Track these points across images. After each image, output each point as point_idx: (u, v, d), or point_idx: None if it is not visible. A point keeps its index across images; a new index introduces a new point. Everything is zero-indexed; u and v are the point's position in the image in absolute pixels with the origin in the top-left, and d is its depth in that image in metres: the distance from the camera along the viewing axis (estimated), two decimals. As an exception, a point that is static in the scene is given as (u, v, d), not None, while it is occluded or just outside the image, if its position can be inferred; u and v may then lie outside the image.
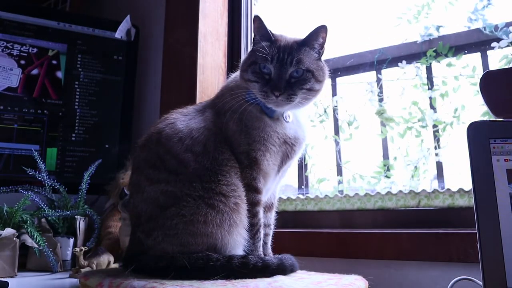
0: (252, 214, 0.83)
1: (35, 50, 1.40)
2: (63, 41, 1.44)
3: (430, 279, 0.94)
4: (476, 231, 0.64)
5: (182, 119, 0.87)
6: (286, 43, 0.85)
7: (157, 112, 1.49)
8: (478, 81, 0.75)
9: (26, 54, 1.39)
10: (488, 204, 0.65)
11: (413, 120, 1.29)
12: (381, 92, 1.35)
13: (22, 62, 1.38)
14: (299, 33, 0.89)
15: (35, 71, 1.40)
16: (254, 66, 0.84)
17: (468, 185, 1.05)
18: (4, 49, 1.37)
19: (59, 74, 1.43)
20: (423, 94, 1.29)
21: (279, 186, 0.96)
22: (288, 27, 1.35)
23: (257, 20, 0.86)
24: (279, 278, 0.74)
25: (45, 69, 1.41)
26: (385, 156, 1.31)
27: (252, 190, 0.83)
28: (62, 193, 1.22)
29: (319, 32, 0.85)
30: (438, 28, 1.29)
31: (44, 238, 1.09)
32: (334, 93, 1.42)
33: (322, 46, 0.87)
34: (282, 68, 0.82)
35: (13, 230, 1.05)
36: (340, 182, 1.35)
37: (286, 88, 0.81)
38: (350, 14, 1.47)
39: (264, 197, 0.88)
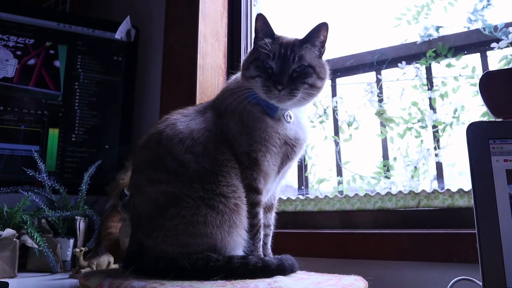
0: (252, 215, 0.83)
1: (32, 41, 1.40)
2: (63, 42, 1.44)
3: (430, 280, 0.95)
4: (476, 231, 0.64)
5: (183, 120, 0.87)
6: (288, 41, 0.86)
7: (157, 112, 1.49)
8: (478, 81, 0.75)
9: (22, 45, 1.39)
10: (488, 204, 0.65)
11: (413, 121, 1.29)
12: (381, 92, 1.35)
13: (18, 53, 1.38)
14: (299, 34, 0.89)
15: (31, 61, 1.39)
16: (256, 62, 0.85)
17: (467, 185, 1.05)
18: (0, 41, 1.36)
19: (57, 64, 1.43)
20: (422, 95, 1.29)
21: (279, 187, 0.96)
22: (288, 28, 1.35)
23: (260, 17, 0.87)
24: (279, 279, 0.74)
25: (42, 59, 1.40)
26: (385, 156, 1.31)
27: (252, 191, 0.83)
28: (62, 193, 1.22)
29: (320, 30, 0.86)
30: (437, 28, 1.29)
31: (44, 238, 1.09)
32: (334, 94, 1.43)
33: (323, 45, 0.88)
34: (285, 63, 0.82)
35: (13, 230, 1.05)
36: (340, 183, 1.35)
37: (289, 83, 0.82)
38: (350, 15, 1.47)
39: (264, 198, 0.88)
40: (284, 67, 0.82)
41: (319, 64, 0.86)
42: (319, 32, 0.86)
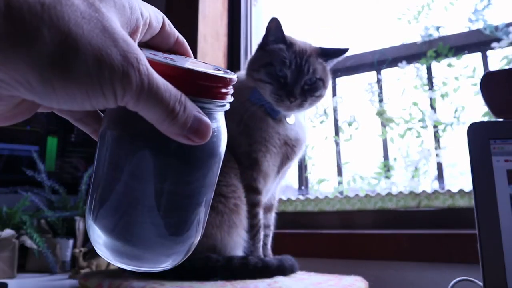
0: (252, 215, 0.82)
1: None
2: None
3: (430, 280, 0.94)
4: (476, 231, 0.64)
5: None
6: (302, 49, 0.85)
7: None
8: (479, 81, 0.75)
9: None
10: (488, 205, 0.64)
11: (413, 121, 1.29)
12: (381, 92, 1.35)
13: None
14: (298, 33, 0.89)
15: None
16: (269, 67, 0.84)
17: (468, 186, 1.05)
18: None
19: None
20: (423, 95, 1.29)
21: (279, 187, 0.96)
22: (287, 27, 1.35)
23: (275, 21, 0.86)
24: (279, 279, 0.73)
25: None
26: (385, 156, 1.31)
27: (252, 191, 0.83)
28: (61, 194, 1.21)
29: (342, 53, 0.87)
30: (438, 28, 1.29)
31: (43, 239, 1.09)
32: (334, 94, 1.42)
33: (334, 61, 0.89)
34: (299, 75, 0.82)
35: (12, 231, 1.05)
36: (340, 183, 1.35)
37: (300, 95, 0.82)
38: (350, 15, 1.47)
39: (264, 198, 0.88)
40: (298, 78, 0.82)
41: (326, 75, 0.87)
42: (339, 55, 0.87)
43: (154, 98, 0.28)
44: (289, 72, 0.82)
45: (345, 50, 0.87)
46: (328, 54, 0.87)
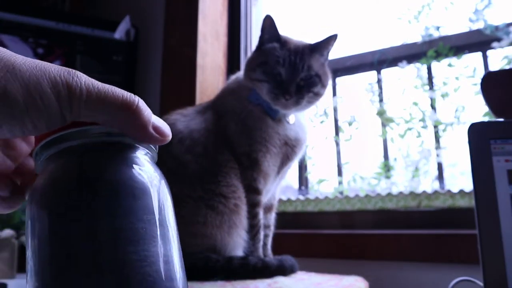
0: (252, 215, 0.82)
1: (30, 40, 1.31)
2: (62, 41, 1.44)
3: (431, 280, 0.94)
4: (477, 231, 0.64)
5: (182, 120, 0.87)
6: (296, 47, 0.85)
7: (156, 113, 1.47)
8: (479, 81, 0.75)
9: (45, 41, 1.26)
10: (489, 205, 0.64)
11: (414, 121, 1.29)
12: (382, 92, 1.35)
13: (40, 51, 1.26)
14: (298, 33, 0.89)
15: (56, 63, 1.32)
16: (264, 66, 0.84)
17: (469, 186, 1.05)
18: (19, 33, 1.23)
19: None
20: (423, 95, 1.29)
21: (279, 187, 0.95)
22: (287, 27, 1.35)
23: (269, 19, 0.86)
24: (279, 279, 0.73)
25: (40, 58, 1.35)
26: (386, 156, 1.31)
27: (252, 191, 0.83)
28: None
29: (331, 41, 0.87)
30: (438, 28, 1.29)
31: (43, 239, 1.09)
32: (334, 94, 1.42)
33: (328, 53, 0.88)
34: (294, 72, 0.82)
35: (12, 231, 1.05)
36: (340, 183, 1.35)
37: (296, 92, 0.82)
38: (350, 15, 1.47)
39: (264, 198, 0.88)
40: (293, 75, 0.82)
41: (323, 73, 0.86)
42: (329, 43, 0.87)
43: (105, 96, 0.28)
44: (284, 70, 0.82)
45: (334, 36, 0.86)
46: (319, 46, 0.87)
